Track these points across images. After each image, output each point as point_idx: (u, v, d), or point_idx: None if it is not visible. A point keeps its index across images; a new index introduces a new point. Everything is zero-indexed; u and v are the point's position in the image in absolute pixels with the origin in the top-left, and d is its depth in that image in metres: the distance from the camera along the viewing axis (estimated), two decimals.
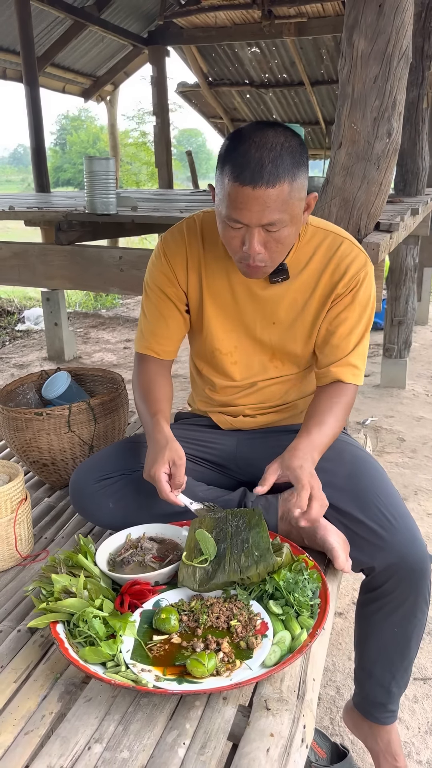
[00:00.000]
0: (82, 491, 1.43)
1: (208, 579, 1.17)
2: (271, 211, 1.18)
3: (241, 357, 1.50)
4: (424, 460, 3.40)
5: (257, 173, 1.15)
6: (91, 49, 7.64)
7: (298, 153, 1.20)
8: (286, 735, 0.94)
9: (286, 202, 1.19)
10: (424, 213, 3.66)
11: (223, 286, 1.44)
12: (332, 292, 1.40)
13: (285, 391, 1.55)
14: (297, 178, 1.19)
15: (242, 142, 1.18)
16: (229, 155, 1.19)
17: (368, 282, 1.41)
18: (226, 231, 1.26)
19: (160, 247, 1.48)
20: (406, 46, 1.71)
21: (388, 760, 1.50)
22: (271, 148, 1.16)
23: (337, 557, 1.29)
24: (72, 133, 41.15)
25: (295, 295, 1.42)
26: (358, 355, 1.44)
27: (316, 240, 1.40)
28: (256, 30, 6.99)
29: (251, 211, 1.18)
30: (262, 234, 1.22)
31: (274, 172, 1.15)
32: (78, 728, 0.96)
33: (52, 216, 2.89)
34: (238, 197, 1.18)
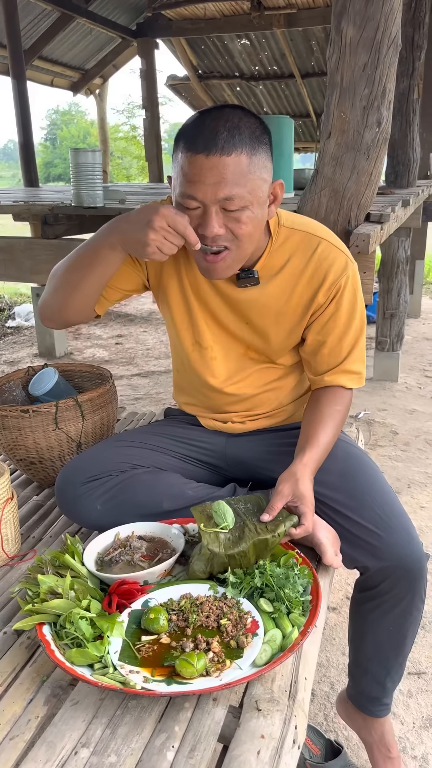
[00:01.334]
0: (68, 493, 1.40)
1: (233, 544, 1.15)
2: (227, 183, 1.09)
3: (219, 352, 1.43)
4: (417, 453, 3.39)
5: (211, 140, 1.08)
6: (79, 41, 7.58)
7: (258, 131, 1.13)
8: (277, 736, 0.92)
9: (244, 175, 1.10)
10: (416, 205, 3.63)
11: (199, 283, 1.37)
12: (313, 301, 1.33)
13: (275, 397, 1.49)
14: (257, 153, 1.12)
15: (197, 117, 1.13)
16: (184, 131, 1.13)
17: (351, 285, 1.33)
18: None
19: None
20: (395, 33, 1.69)
21: (381, 752, 1.49)
22: (228, 119, 1.10)
23: (325, 552, 1.26)
24: (62, 128, 40.92)
25: (269, 301, 1.34)
26: (354, 361, 1.38)
27: (292, 242, 1.31)
28: (245, 22, 6.95)
29: (206, 183, 1.09)
30: (221, 214, 1.13)
31: (230, 140, 1.08)
32: (65, 732, 0.94)
33: (38, 210, 2.85)
34: (192, 168, 1.10)
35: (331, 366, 1.38)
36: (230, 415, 1.51)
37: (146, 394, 4.30)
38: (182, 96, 9.69)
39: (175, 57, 8.57)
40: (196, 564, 1.18)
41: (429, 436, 3.60)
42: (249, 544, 1.15)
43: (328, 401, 1.37)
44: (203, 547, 1.16)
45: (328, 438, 1.32)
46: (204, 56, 8.55)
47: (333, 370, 1.38)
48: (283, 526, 1.18)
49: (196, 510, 1.22)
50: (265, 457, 1.47)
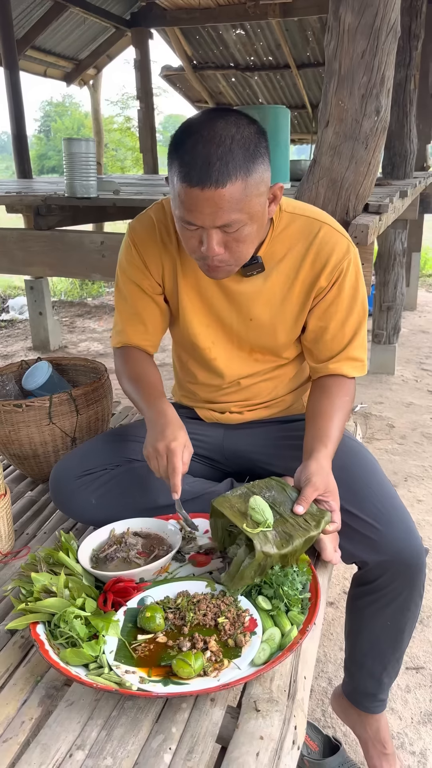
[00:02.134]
0: (62, 488, 1.38)
1: (284, 542, 1.09)
2: (224, 212, 1.09)
3: (219, 353, 1.42)
4: (413, 446, 3.38)
5: (204, 173, 1.05)
6: (73, 31, 7.48)
7: (254, 144, 1.09)
8: (276, 737, 0.90)
9: (240, 201, 1.09)
10: (413, 196, 3.61)
11: (198, 278, 1.35)
12: (314, 285, 1.31)
13: (272, 388, 1.48)
14: (252, 173, 1.09)
15: (190, 135, 1.08)
16: (177, 151, 1.10)
17: (353, 269, 1.31)
18: (183, 231, 1.17)
19: (129, 237, 1.38)
20: (394, 20, 1.65)
21: (377, 748, 1.48)
22: (220, 143, 1.06)
23: (324, 548, 1.25)
24: (56, 119, 40.64)
25: (273, 289, 1.33)
26: (357, 347, 1.35)
27: (293, 228, 1.30)
28: (240, 11, 6.88)
29: (203, 213, 1.09)
30: (220, 234, 1.13)
31: (224, 170, 1.05)
32: (59, 734, 0.92)
33: (31, 200, 2.81)
34: (188, 199, 1.09)
35: (335, 352, 1.35)
36: (228, 405, 1.50)
37: None
38: (177, 87, 9.60)
39: (170, 47, 8.48)
40: (246, 572, 1.07)
41: (426, 429, 3.59)
42: (301, 542, 1.10)
43: (336, 392, 1.34)
44: (257, 552, 1.06)
45: (339, 430, 1.29)
46: (199, 46, 8.47)
47: (336, 356, 1.35)
48: (323, 521, 1.14)
49: (224, 506, 1.12)
50: (263, 451, 1.46)
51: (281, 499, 1.17)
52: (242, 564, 1.08)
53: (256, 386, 1.46)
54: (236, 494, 1.16)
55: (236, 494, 1.16)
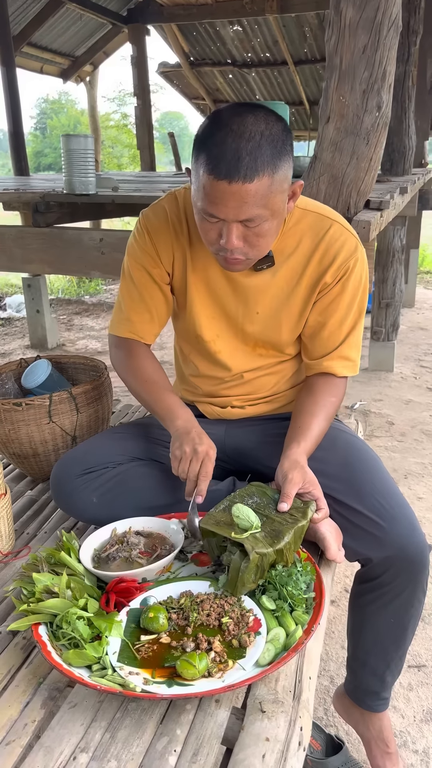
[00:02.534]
0: (63, 486, 1.37)
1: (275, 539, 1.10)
2: (249, 206, 1.09)
3: (223, 346, 1.42)
4: (413, 444, 3.37)
5: (233, 167, 1.06)
6: (69, 27, 7.44)
7: (281, 141, 1.10)
8: (282, 739, 0.89)
9: (265, 196, 1.10)
10: (412, 192, 3.60)
11: (207, 271, 1.36)
12: (320, 281, 1.32)
13: (275, 382, 1.48)
14: (278, 170, 1.10)
15: (219, 128, 1.08)
16: (205, 143, 1.09)
17: (359, 268, 1.33)
18: (203, 223, 1.17)
19: (141, 224, 1.38)
20: (395, 14, 1.64)
21: (379, 747, 1.48)
22: (250, 138, 1.06)
23: (329, 547, 1.25)
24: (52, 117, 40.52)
25: (281, 284, 1.34)
26: (351, 346, 1.37)
27: (304, 224, 1.31)
28: (237, 7, 6.86)
29: (227, 206, 1.10)
30: (241, 228, 1.14)
31: (252, 165, 1.06)
32: (62, 737, 0.91)
33: (29, 197, 2.79)
34: (214, 191, 1.09)
35: (329, 350, 1.37)
36: (230, 399, 1.50)
37: None
38: (174, 83, 9.57)
39: (167, 44, 8.45)
40: (246, 576, 1.07)
41: (425, 426, 3.59)
42: (291, 534, 1.12)
43: (322, 391, 1.37)
44: (250, 554, 1.06)
45: (320, 429, 1.32)
46: (196, 43, 8.44)
47: (330, 354, 1.37)
48: (309, 510, 1.17)
49: (209, 524, 1.14)
50: (264, 447, 1.45)
51: (264, 502, 1.20)
52: (240, 569, 1.08)
53: (258, 380, 1.46)
54: (219, 509, 1.19)
55: (219, 509, 1.19)
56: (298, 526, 1.14)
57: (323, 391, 1.36)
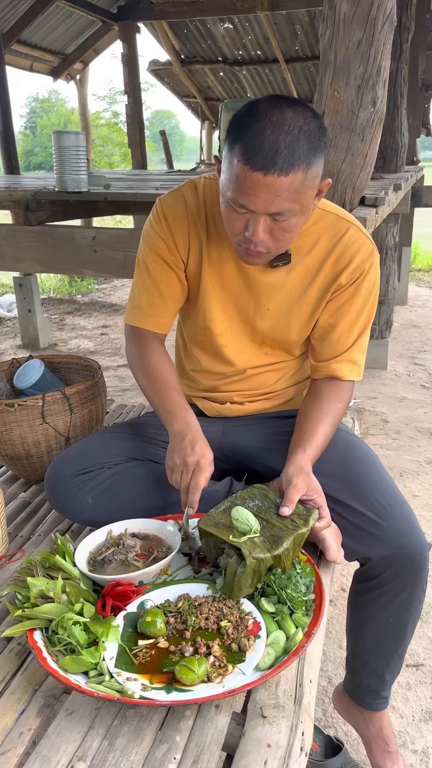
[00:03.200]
0: (58, 486, 1.35)
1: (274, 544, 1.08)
2: (281, 200, 1.08)
3: (231, 340, 1.41)
4: (408, 441, 3.37)
5: (270, 159, 1.04)
6: (59, 25, 7.39)
7: (317, 137, 1.08)
8: (284, 744, 0.87)
9: (298, 191, 1.08)
10: (405, 189, 3.59)
11: (222, 264, 1.34)
12: (334, 282, 1.32)
13: (277, 378, 1.47)
14: (312, 166, 1.08)
15: (258, 119, 1.06)
16: (241, 132, 1.07)
17: (373, 272, 1.33)
18: (230, 213, 1.15)
19: (159, 210, 1.35)
20: (390, 9, 1.63)
21: (379, 746, 1.47)
22: (289, 131, 1.04)
23: (329, 548, 1.23)
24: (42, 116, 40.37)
25: (295, 282, 1.33)
26: (359, 350, 1.37)
27: (322, 224, 1.30)
28: (228, 5, 6.83)
29: (259, 198, 1.08)
30: (268, 221, 1.12)
31: (289, 158, 1.04)
32: (59, 745, 0.89)
33: (20, 195, 2.76)
34: (247, 182, 1.07)
35: (338, 352, 1.36)
36: (231, 395, 1.48)
37: (133, 385, 4.23)
38: (164, 81, 9.55)
39: (157, 41, 8.42)
40: (242, 581, 1.05)
41: (419, 423, 3.58)
42: (290, 541, 1.09)
43: (328, 397, 1.35)
44: (247, 559, 1.04)
45: (326, 435, 1.30)
46: (186, 40, 8.41)
47: (338, 357, 1.36)
48: (311, 518, 1.15)
49: (208, 525, 1.12)
50: (262, 446, 1.44)
51: (266, 505, 1.18)
52: (236, 573, 1.06)
53: (260, 376, 1.46)
54: (219, 510, 1.17)
55: (219, 510, 1.17)
56: (299, 533, 1.12)
57: (329, 396, 1.35)
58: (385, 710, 1.46)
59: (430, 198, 5.04)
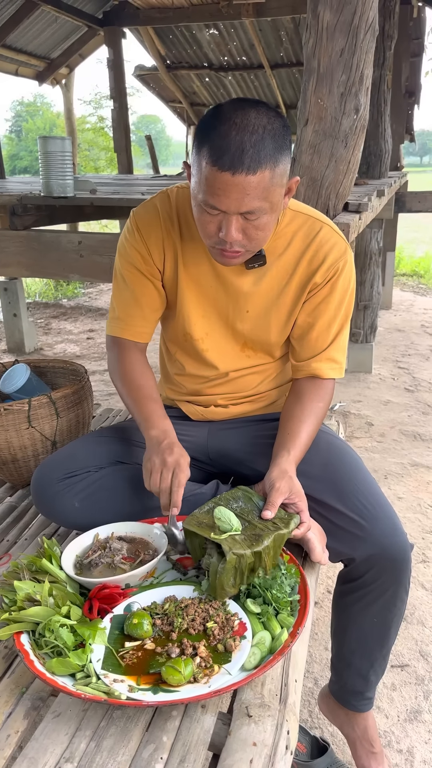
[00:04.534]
0: (44, 491, 1.35)
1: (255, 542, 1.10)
2: (251, 199, 1.10)
3: (211, 344, 1.42)
4: (392, 444, 3.40)
5: (237, 159, 1.06)
6: (45, 29, 7.38)
7: (281, 136, 1.11)
8: (269, 743, 0.88)
9: (267, 189, 1.11)
10: (389, 195, 3.63)
11: (199, 268, 1.36)
12: (309, 281, 1.33)
13: (259, 381, 1.48)
14: (279, 164, 1.11)
15: (222, 121, 1.09)
16: (208, 135, 1.10)
17: (347, 270, 1.34)
18: (202, 216, 1.17)
19: (132, 222, 1.37)
20: (372, 18, 1.65)
21: (364, 747, 1.48)
22: (253, 131, 1.07)
23: (313, 549, 1.25)
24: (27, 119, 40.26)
25: (271, 283, 1.35)
26: (338, 348, 1.38)
27: (295, 225, 1.33)
28: (214, 11, 6.85)
29: (229, 198, 1.10)
30: (241, 221, 1.14)
31: (256, 157, 1.07)
32: (47, 747, 0.89)
33: (6, 200, 2.75)
34: (216, 183, 1.09)
35: (317, 351, 1.37)
36: (214, 398, 1.49)
37: None
38: (150, 86, 9.55)
39: (143, 47, 8.43)
40: (224, 578, 1.06)
41: (404, 426, 3.62)
42: (271, 539, 1.11)
43: (310, 396, 1.37)
44: (227, 555, 1.05)
45: (309, 435, 1.32)
46: (172, 46, 8.43)
47: (318, 356, 1.38)
48: (293, 522, 1.17)
49: (191, 524, 1.14)
50: (247, 449, 1.45)
51: (248, 507, 1.19)
52: (218, 571, 1.07)
53: (242, 379, 1.47)
54: (203, 510, 1.18)
55: (203, 510, 1.18)
56: (279, 533, 1.13)
57: (311, 396, 1.37)
58: (370, 711, 1.47)
59: (413, 203, 5.10)
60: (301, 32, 7.44)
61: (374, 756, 1.48)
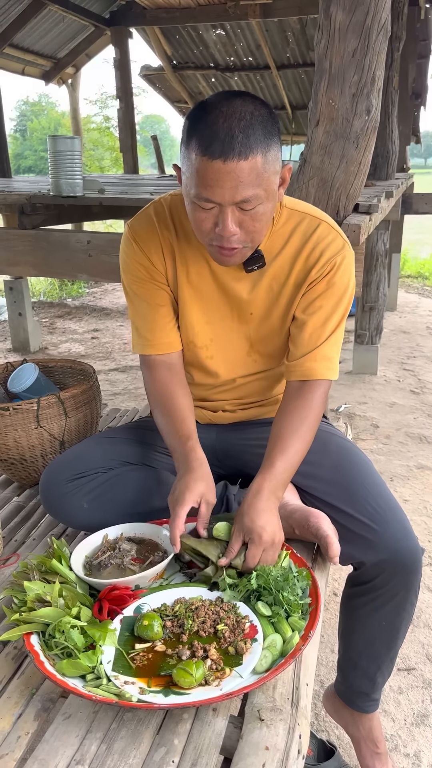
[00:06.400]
0: (53, 491, 1.34)
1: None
2: (245, 186, 1.07)
3: (217, 351, 1.40)
4: (398, 446, 3.39)
5: (228, 144, 1.04)
6: (51, 29, 7.39)
7: (270, 122, 1.09)
8: (282, 747, 0.88)
9: (260, 175, 1.08)
10: (396, 196, 3.62)
11: (199, 275, 1.34)
12: (307, 277, 1.30)
13: (266, 387, 1.47)
14: (270, 149, 1.09)
15: (209, 112, 1.07)
16: (195, 127, 1.08)
17: (345, 267, 1.30)
18: (196, 212, 1.14)
19: (129, 236, 1.35)
20: (384, 19, 1.65)
21: (369, 747, 1.48)
22: (241, 117, 1.05)
23: (331, 544, 1.22)
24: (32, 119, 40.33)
25: (270, 283, 1.32)
26: (331, 345, 1.31)
27: (292, 223, 1.30)
28: (220, 11, 6.85)
29: (223, 187, 1.07)
30: (237, 213, 1.11)
31: (246, 142, 1.05)
32: (57, 749, 0.89)
33: (15, 199, 2.75)
34: (208, 173, 1.07)
35: (310, 348, 1.31)
36: (222, 403, 1.48)
37: (125, 389, 4.23)
38: (156, 86, 9.55)
39: (149, 47, 8.43)
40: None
41: (409, 429, 3.61)
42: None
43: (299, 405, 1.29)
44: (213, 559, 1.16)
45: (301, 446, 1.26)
46: (178, 46, 8.43)
47: (311, 353, 1.30)
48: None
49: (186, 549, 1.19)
50: (255, 451, 1.44)
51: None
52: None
53: (249, 385, 1.45)
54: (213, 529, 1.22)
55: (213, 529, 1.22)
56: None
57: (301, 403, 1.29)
58: (375, 712, 1.47)
59: (420, 205, 5.09)
60: (307, 33, 7.44)
61: (378, 757, 1.48)
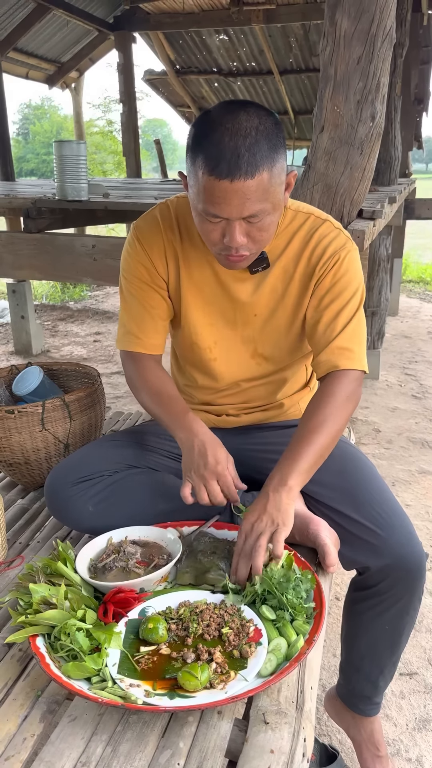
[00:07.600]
0: (58, 495, 1.35)
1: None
2: (252, 203, 1.09)
3: (221, 353, 1.41)
4: (400, 451, 3.39)
5: (234, 165, 1.05)
6: (55, 33, 7.43)
7: (275, 134, 1.10)
8: (287, 751, 0.88)
9: (267, 191, 1.10)
10: (399, 202, 3.64)
11: (202, 277, 1.35)
12: (312, 275, 1.31)
13: (269, 391, 1.48)
14: (276, 163, 1.10)
15: (213, 128, 1.08)
16: (200, 144, 1.09)
17: (349, 261, 1.30)
18: (204, 225, 1.16)
19: (134, 236, 1.37)
20: (390, 26, 1.66)
21: (370, 750, 1.48)
22: (246, 135, 1.06)
23: (328, 554, 1.23)
24: (35, 122, 40.45)
25: (275, 283, 1.34)
26: (348, 336, 1.29)
27: (296, 224, 1.32)
28: (224, 17, 6.90)
29: (231, 205, 1.09)
30: (244, 225, 1.14)
31: (252, 161, 1.06)
32: (63, 751, 0.89)
33: (20, 203, 2.77)
34: (216, 191, 1.08)
35: (326, 343, 1.29)
36: (226, 407, 1.49)
37: (127, 392, 4.24)
38: (159, 91, 9.59)
39: (153, 51, 8.47)
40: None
41: (411, 433, 3.61)
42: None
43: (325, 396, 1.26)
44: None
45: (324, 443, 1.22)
46: (182, 51, 8.47)
47: (327, 347, 1.29)
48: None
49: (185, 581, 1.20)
50: (259, 456, 1.45)
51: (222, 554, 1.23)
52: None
53: (253, 389, 1.46)
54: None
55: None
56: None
57: (327, 393, 1.26)
58: (377, 716, 1.47)
59: (422, 210, 5.11)
60: (310, 39, 7.47)
61: (379, 760, 1.48)
